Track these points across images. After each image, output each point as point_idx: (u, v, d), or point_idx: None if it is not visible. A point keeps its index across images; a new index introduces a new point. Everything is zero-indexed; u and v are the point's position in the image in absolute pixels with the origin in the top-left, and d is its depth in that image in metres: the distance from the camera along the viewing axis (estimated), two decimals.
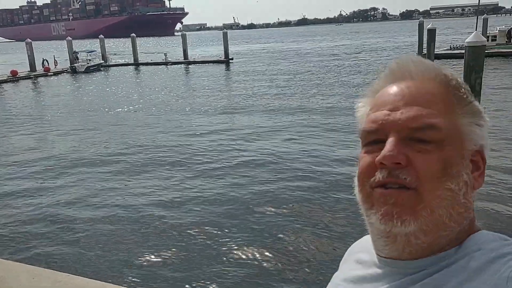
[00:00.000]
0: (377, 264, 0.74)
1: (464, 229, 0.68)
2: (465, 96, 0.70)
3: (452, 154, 0.65)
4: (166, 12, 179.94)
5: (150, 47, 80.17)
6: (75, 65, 37.09)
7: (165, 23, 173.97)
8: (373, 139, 0.69)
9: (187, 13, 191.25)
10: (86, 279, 3.50)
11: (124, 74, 35.27)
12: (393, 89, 0.71)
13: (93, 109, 19.23)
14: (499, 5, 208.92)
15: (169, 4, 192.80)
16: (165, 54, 43.13)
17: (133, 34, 42.11)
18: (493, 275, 0.60)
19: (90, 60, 38.83)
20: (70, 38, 39.85)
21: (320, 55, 42.81)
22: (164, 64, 40.51)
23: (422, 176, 0.64)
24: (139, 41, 48.06)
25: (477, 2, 41.17)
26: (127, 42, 42.78)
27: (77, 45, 53.56)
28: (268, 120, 14.87)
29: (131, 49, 42.92)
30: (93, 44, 49.45)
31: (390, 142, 0.66)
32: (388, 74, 0.74)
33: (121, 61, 44.78)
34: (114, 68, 40.62)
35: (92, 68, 37.72)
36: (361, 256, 0.78)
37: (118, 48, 73.12)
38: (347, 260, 0.85)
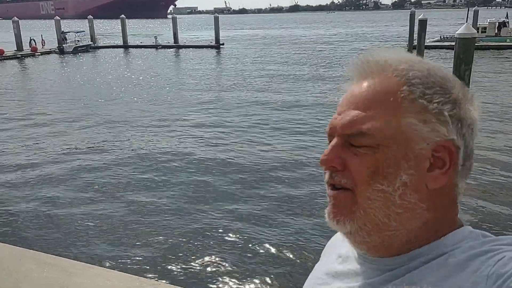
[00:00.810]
0: (357, 259, 0.74)
1: (441, 226, 0.67)
2: (417, 93, 0.65)
3: (388, 156, 0.65)
4: None
5: (142, 29, 79.02)
6: (63, 45, 36.48)
7: (158, 5, 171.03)
8: (329, 140, 0.71)
9: None
10: (72, 261, 3.50)
11: (112, 56, 34.79)
12: (348, 91, 0.71)
13: (79, 91, 18.98)
14: None
15: None
16: (155, 37, 42.59)
17: (123, 16, 41.42)
18: (472, 273, 0.60)
19: (78, 41, 38.21)
20: (58, 18, 39.06)
21: (313, 43, 42.68)
22: (154, 47, 40.02)
23: (355, 178, 0.66)
24: (131, 23, 47.36)
25: None
26: (118, 23, 42.05)
27: (66, 25, 52.59)
28: (257, 110, 14.85)
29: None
30: (83, 25, 48.45)
31: (331, 146, 0.69)
32: (350, 74, 0.72)
33: (111, 43, 44.09)
34: (103, 49, 40.02)
35: (80, 49, 37.14)
36: (342, 250, 0.78)
37: (109, 29, 71.94)
38: (328, 252, 0.86)
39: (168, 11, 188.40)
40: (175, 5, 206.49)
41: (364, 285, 0.69)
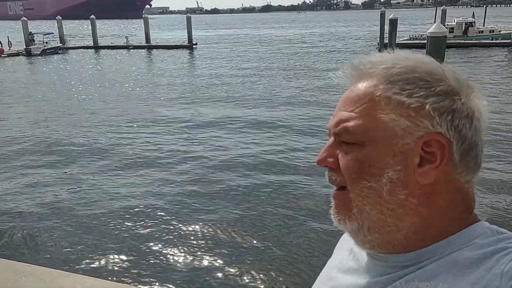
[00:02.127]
0: (368, 256, 0.74)
1: (449, 221, 0.66)
2: (395, 89, 0.66)
3: (372, 153, 0.66)
4: None
5: (116, 29, 77.71)
6: (30, 47, 35.51)
7: (134, 5, 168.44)
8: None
9: None
10: (48, 269, 3.40)
11: (82, 57, 34.08)
12: (343, 95, 0.74)
13: (47, 94, 18.48)
14: None
15: None
16: (127, 38, 41.98)
17: (93, 16, 40.66)
18: (487, 271, 0.59)
19: (47, 42, 37.27)
20: (25, 19, 37.97)
21: (286, 42, 42.91)
22: (125, 48, 39.44)
23: (345, 176, 0.68)
24: (106, 23, 46.43)
25: None
26: (89, 24, 41.18)
27: (35, 26, 51.22)
28: (230, 109, 14.82)
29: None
30: (52, 26, 47.25)
31: (326, 146, 0.72)
32: (342, 73, 0.74)
33: (81, 44, 43.19)
34: (73, 51, 39.17)
35: (49, 51, 36.24)
36: (354, 245, 0.77)
37: (80, 30, 70.44)
38: (340, 248, 0.86)
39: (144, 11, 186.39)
40: (150, 5, 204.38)
41: (376, 282, 0.69)
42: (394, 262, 0.68)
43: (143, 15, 42.13)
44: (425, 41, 8.55)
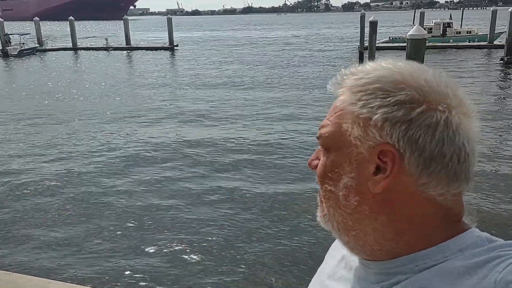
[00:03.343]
0: (360, 263, 0.74)
1: (431, 231, 0.65)
2: (353, 100, 0.68)
3: (335, 159, 0.70)
4: None
5: (98, 31, 76.57)
6: (6, 48, 34.77)
7: (118, 6, 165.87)
8: None
9: None
10: (28, 276, 3.30)
11: (60, 59, 33.49)
12: None
13: (22, 96, 18.09)
14: None
15: None
16: (106, 39, 41.45)
17: (71, 17, 39.98)
18: (480, 280, 0.59)
19: (23, 43, 36.54)
20: (1, 19, 37.17)
21: (267, 44, 42.99)
22: (105, 50, 38.94)
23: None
24: (88, 24, 45.78)
25: None
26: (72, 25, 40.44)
27: (14, 27, 50.12)
28: (210, 109, 14.76)
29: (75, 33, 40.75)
30: (32, 27, 46.22)
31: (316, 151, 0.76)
32: (333, 86, 0.75)
33: (59, 46, 42.42)
34: (51, 52, 38.48)
35: (26, 52, 35.56)
36: (346, 253, 0.77)
37: (60, 31, 69.16)
38: (332, 254, 0.85)
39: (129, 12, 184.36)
40: (134, 6, 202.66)
41: None
42: (384, 269, 0.68)
43: (123, 17, 41.59)
44: (405, 44, 8.64)
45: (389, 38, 37.02)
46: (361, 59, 24.74)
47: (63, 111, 14.82)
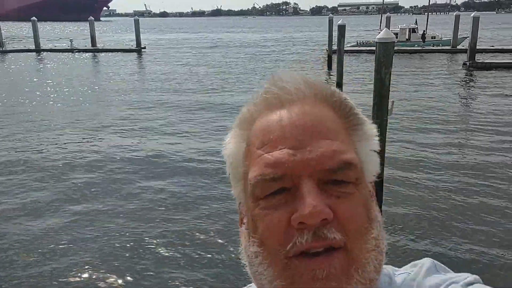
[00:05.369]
0: None
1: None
2: (358, 116, 0.58)
3: (366, 193, 0.56)
4: None
5: (67, 32, 74.35)
6: None
7: (91, 7, 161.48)
8: (276, 188, 0.53)
9: None
10: None
11: (21, 61, 32.25)
12: (284, 116, 0.55)
13: None
14: (399, 4, 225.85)
15: None
16: (71, 41, 40.30)
17: (34, 18, 38.56)
18: None
19: None
20: None
21: (236, 47, 42.81)
22: (69, 51, 37.82)
23: (349, 229, 0.52)
24: (61, 25, 44.17)
25: (381, 1, 43.78)
26: (46, 25, 39.06)
27: None
28: (177, 111, 14.44)
29: (50, 33, 39.39)
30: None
31: (309, 192, 0.51)
32: (270, 95, 0.58)
33: (22, 47, 40.88)
34: (12, 54, 37.04)
35: None
36: None
37: (27, 33, 66.73)
38: None
39: (104, 13, 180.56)
40: (108, 7, 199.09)
41: None
42: None
43: (89, 18, 40.47)
44: (374, 47, 8.66)
45: (357, 42, 37.54)
46: (329, 63, 24.85)
47: (17, 119, 14.15)
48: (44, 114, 14.35)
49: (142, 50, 37.83)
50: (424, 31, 36.19)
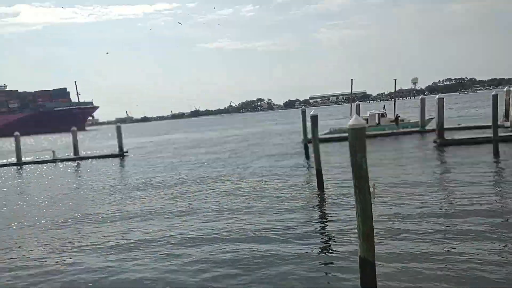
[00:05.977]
0: None
1: None
2: None
3: None
4: (75, 107, 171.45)
5: (52, 143, 75.27)
6: None
7: (76, 118, 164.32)
8: None
9: (97, 107, 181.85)
10: None
11: (1, 175, 32.23)
12: None
13: None
14: (367, 92, 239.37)
15: (78, 99, 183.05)
16: (54, 152, 40.81)
17: (17, 133, 39.29)
18: None
19: None
20: None
21: (215, 145, 43.95)
22: (52, 162, 38.12)
23: None
24: (42, 138, 44.66)
25: (349, 91, 46.64)
26: (28, 139, 39.58)
27: None
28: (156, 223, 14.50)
29: (40, 147, 39.83)
30: None
31: None
32: None
33: (1, 162, 41.03)
34: None
35: None
36: None
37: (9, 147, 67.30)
38: None
39: (89, 122, 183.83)
40: (92, 117, 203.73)
41: None
42: None
43: (72, 128, 41.45)
44: (346, 134, 9.19)
45: (330, 129, 39.19)
46: (306, 152, 25.62)
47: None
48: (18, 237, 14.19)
49: (125, 154, 38.46)
50: (397, 115, 38.10)
